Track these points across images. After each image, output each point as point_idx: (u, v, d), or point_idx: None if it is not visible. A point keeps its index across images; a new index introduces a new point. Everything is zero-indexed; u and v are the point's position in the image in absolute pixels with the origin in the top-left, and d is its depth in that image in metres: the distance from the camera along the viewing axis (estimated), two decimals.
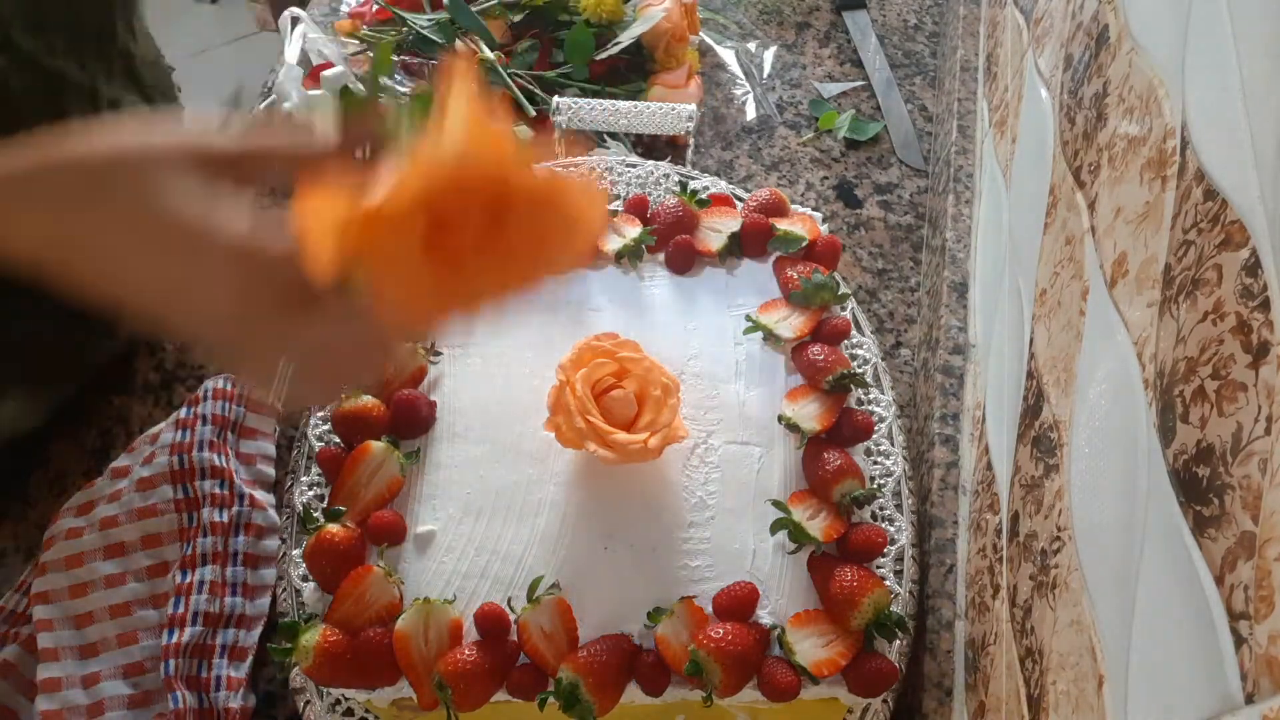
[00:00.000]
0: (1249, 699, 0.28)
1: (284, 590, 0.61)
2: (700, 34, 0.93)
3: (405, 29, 0.88)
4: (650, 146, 0.84)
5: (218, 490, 0.63)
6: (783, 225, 0.66)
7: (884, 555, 0.57)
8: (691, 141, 0.81)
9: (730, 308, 0.65)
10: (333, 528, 0.53)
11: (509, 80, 0.84)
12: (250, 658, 0.60)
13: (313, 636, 0.49)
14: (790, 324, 0.62)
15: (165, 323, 0.34)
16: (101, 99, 0.67)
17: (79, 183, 0.33)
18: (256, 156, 0.36)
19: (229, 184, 0.35)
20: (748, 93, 0.92)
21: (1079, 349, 0.47)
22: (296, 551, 0.56)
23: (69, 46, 0.63)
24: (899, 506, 0.60)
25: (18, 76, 0.59)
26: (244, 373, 0.37)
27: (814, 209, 0.72)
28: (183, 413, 0.67)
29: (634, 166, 0.75)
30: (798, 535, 0.54)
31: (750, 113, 0.91)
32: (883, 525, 0.58)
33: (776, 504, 0.55)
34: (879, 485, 0.59)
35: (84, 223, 0.33)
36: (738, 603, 0.52)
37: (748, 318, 0.63)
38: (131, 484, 0.64)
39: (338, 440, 0.58)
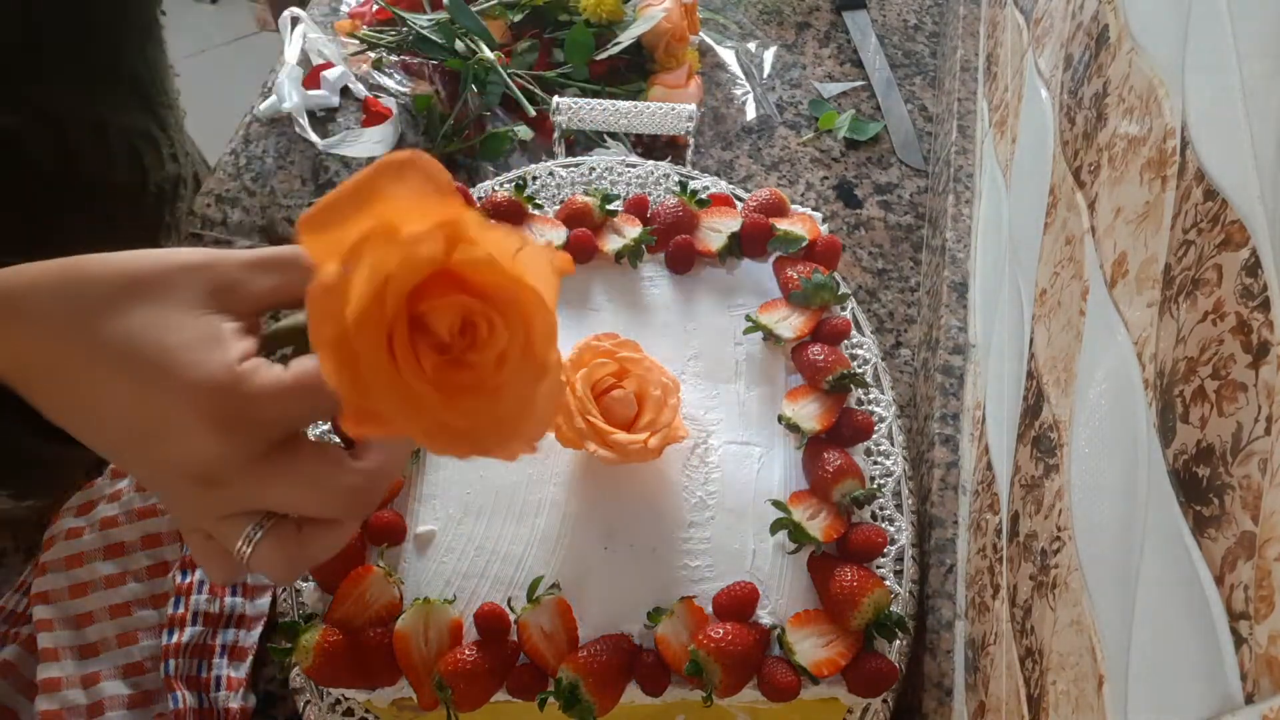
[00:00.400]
0: (1249, 699, 0.28)
1: (284, 590, 0.61)
2: (700, 34, 0.93)
3: (405, 29, 0.88)
4: (650, 146, 0.84)
5: None
6: (783, 225, 0.66)
7: (884, 555, 0.57)
8: (691, 141, 0.81)
9: (730, 308, 0.65)
10: None
11: (509, 80, 0.84)
12: (250, 658, 0.60)
13: (313, 636, 0.49)
14: (790, 324, 0.62)
15: (134, 464, 0.31)
16: (109, 130, 0.67)
17: (68, 306, 0.30)
18: (269, 266, 0.33)
19: (235, 309, 0.32)
20: (748, 93, 0.92)
21: (1079, 349, 0.47)
22: None
23: (76, 84, 0.63)
24: (899, 506, 0.60)
25: (28, 130, 0.59)
26: (204, 545, 0.33)
27: (814, 209, 0.72)
28: None
29: (634, 166, 0.75)
30: (798, 535, 0.54)
31: (750, 113, 0.91)
32: (883, 525, 0.58)
33: (776, 504, 0.55)
34: (879, 485, 0.59)
35: (63, 348, 0.30)
36: (738, 603, 0.52)
37: (748, 318, 0.63)
38: (131, 484, 0.64)
39: (337, 440, 0.58)
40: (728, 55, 0.95)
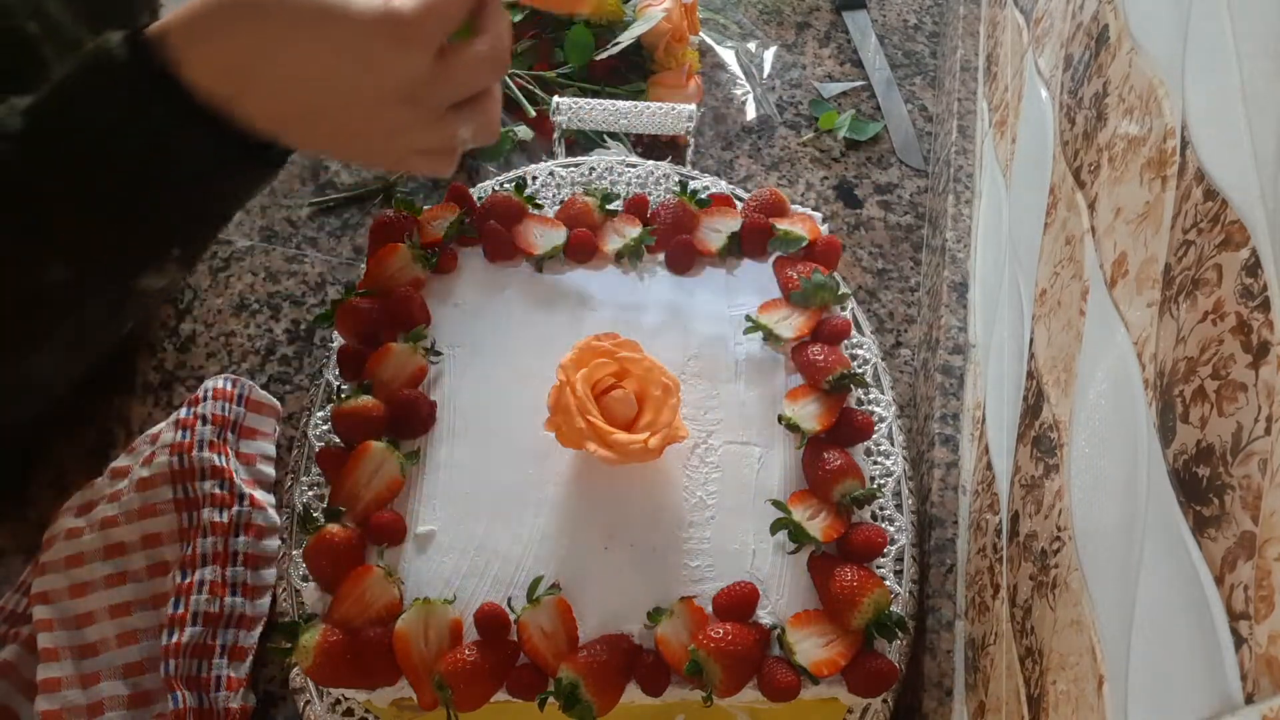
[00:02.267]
0: (1249, 699, 0.28)
1: (284, 590, 0.61)
2: (700, 34, 0.93)
3: None
4: (650, 146, 0.84)
5: (218, 490, 0.63)
6: (783, 225, 0.66)
7: (884, 555, 0.57)
8: (691, 141, 0.81)
9: (730, 308, 0.65)
10: (333, 527, 0.53)
11: (509, 80, 0.84)
12: (250, 658, 0.60)
13: (313, 636, 0.49)
14: (790, 324, 0.62)
15: (358, 121, 0.43)
16: None
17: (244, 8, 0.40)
18: None
19: None
20: (748, 93, 0.92)
21: (1079, 349, 0.47)
22: (296, 551, 0.56)
23: None
24: (899, 506, 0.60)
25: None
26: (420, 159, 0.47)
27: (814, 209, 0.72)
28: (183, 413, 0.67)
29: (634, 166, 0.75)
30: (798, 535, 0.54)
31: (750, 113, 0.91)
32: (883, 525, 0.58)
33: (776, 504, 0.55)
34: (879, 485, 0.59)
35: (253, 39, 0.40)
36: (738, 603, 0.52)
37: (748, 318, 0.63)
38: (131, 484, 0.64)
39: (338, 440, 0.58)
40: (728, 55, 0.95)
